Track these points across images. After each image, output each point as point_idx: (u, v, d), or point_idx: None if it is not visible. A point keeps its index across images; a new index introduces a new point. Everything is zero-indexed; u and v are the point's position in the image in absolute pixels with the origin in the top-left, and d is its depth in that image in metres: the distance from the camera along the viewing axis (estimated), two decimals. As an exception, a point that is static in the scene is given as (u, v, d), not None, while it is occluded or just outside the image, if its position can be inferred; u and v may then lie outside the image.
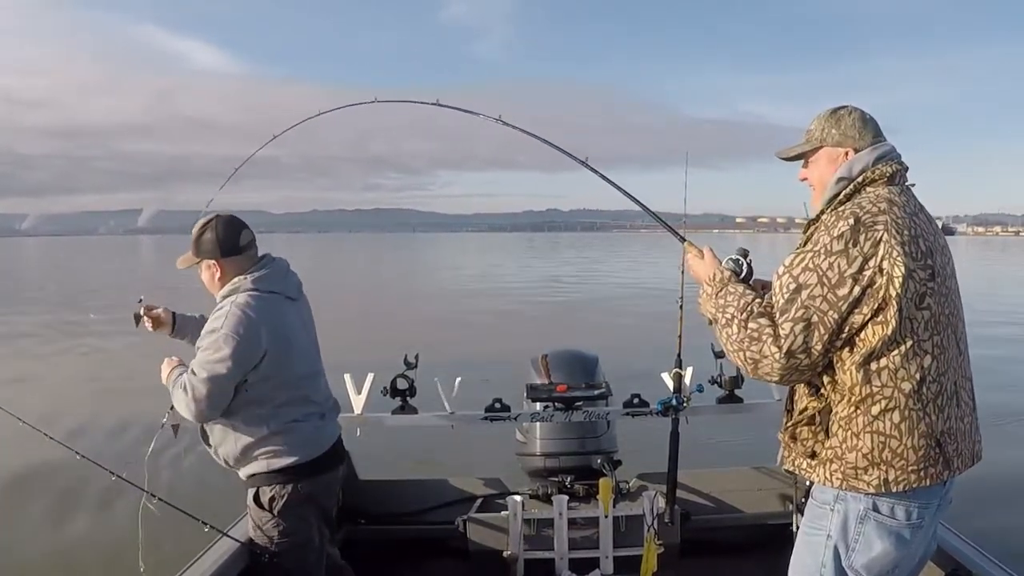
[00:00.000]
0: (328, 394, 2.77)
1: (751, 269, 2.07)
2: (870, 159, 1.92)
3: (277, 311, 2.56)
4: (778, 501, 3.61)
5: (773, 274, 1.90)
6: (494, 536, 3.39)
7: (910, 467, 1.79)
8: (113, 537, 5.02)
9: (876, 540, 1.84)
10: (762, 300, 1.89)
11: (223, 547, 2.72)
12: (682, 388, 3.24)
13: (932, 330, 1.79)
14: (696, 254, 2.17)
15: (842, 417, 1.83)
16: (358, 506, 3.52)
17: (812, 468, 1.90)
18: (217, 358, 2.41)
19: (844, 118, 1.99)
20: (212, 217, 2.63)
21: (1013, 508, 5.52)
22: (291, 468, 2.55)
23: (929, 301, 1.79)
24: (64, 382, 10.73)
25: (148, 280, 30.78)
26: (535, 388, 3.57)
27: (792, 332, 1.77)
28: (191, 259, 2.64)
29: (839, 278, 1.76)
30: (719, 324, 1.93)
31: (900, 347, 1.76)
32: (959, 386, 1.87)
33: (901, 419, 1.78)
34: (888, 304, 1.74)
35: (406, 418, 3.42)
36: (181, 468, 5.57)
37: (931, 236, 1.85)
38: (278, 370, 2.51)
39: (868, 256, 1.76)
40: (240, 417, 2.52)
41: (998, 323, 15.49)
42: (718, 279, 2.01)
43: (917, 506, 1.84)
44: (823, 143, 2.00)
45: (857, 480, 1.81)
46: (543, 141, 2.90)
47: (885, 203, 1.83)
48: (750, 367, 1.84)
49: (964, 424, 1.87)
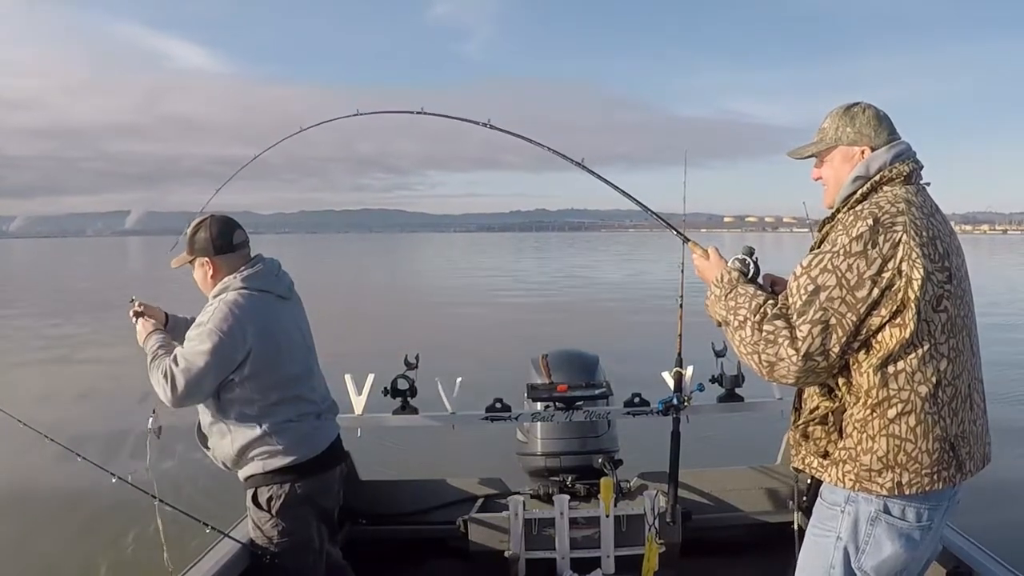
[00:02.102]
0: (325, 394, 2.77)
1: (758, 267, 2.04)
2: (887, 157, 1.90)
3: (267, 310, 2.57)
4: (779, 500, 3.61)
5: (790, 275, 1.87)
6: (495, 536, 3.39)
7: (924, 470, 1.78)
8: (116, 539, 5.03)
9: (886, 542, 1.83)
10: (775, 301, 1.85)
11: (225, 548, 2.72)
12: (683, 387, 3.24)
13: (948, 333, 1.78)
14: (701, 254, 2.14)
15: (857, 419, 1.82)
16: (359, 506, 3.52)
17: (824, 468, 1.89)
18: (199, 351, 2.43)
19: (859, 116, 1.96)
20: (206, 217, 2.66)
21: (1016, 506, 5.54)
22: (288, 468, 2.55)
23: (946, 304, 1.77)
24: (59, 383, 10.73)
25: (139, 281, 30.68)
26: (536, 388, 3.57)
27: (810, 334, 1.75)
28: (185, 258, 2.66)
29: (858, 280, 1.74)
30: (731, 326, 1.90)
31: (917, 350, 1.75)
32: (972, 388, 1.86)
33: (917, 423, 1.77)
34: (906, 307, 1.73)
35: (407, 418, 3.42)
36: (184, 471, 5.58)
37: (947, 237, 1.84)
38: (267, 369, 2.52)
39: (887, 258, 1.74)
40: (233, 419, 2.53)
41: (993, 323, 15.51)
42: (726, 280, 1.97)
43: (928, 508, 1.83)
44: (838, 142, 1.97)
45: (870, 482, 1.80)
46: (537, 144, 2.85)
47: (904, 203, 1.81)
48: (766, 369, 1.81)
49: (977, 427, 1.87)
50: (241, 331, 2.46)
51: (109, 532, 5.19)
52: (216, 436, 2.59)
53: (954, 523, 2.84)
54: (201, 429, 2.65)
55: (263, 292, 2.59)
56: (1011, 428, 7.47)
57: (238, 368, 2.48)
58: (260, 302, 2.56)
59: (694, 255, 2.18)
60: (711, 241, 2.25)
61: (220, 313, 2.46)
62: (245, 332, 2.47)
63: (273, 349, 2.54)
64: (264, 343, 2.51)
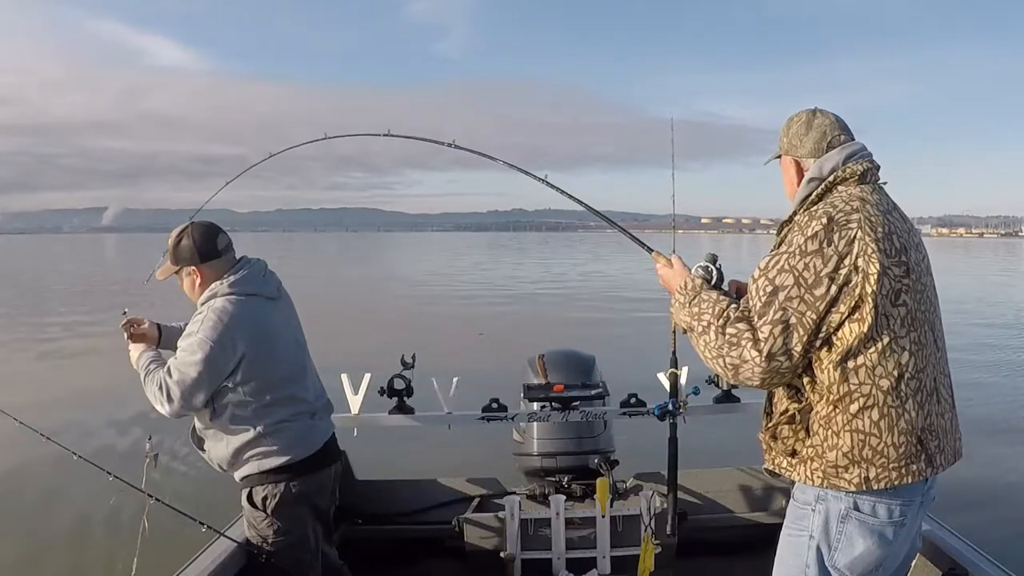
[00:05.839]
0: (319, 393, 2.77)
1: (721, 274, 2.07)
2: (840, 158, 1.93)
3: (256, 313, 2.57)
4: (775, 501, 3.62)
5: (749, 278, 1.89)
6: (491, 536, 3.39)
7: (891, 464, 1.78)
8: (112, 538, 5.01)
9: (858, 539, 1.83)
10: (737, 305, 1.88)
11: (220, 547, 2.72)
12: (678, 390, 3.23)
13: (909, 327, 1.80)
14: (665, 263, 2.18)
15: (822, 416, 1.83)
16: (355, 506, 3.52)
17: (792, 467, 1.90)
18: (191, 361, 2.44)
19: (792, 124, 2.03)
20: (187, 225, 2.65)
21: (1011, 506, 5.55)
22: (283, 468, 2.56)
23: (905, 298, 1.79)
24: (50, 379, 10.70)
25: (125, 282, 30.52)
26: (532, 388, 3.57)
27: (771, 335, 1.77)
28: (170, 268, 2.65)
29: (815, 278, 1.76)
30: (695, 332, 1.92)
31: (877, 344, 1.76)
32: (938, 383, 1.87)
33: (880, 416, 1.78)
34: (864, 302, 1.75)
35: (403, 418, 3.42)
36: (179, 469, 5.56)
37: (905, 233, 1.86)
38: (260, 372, 2.52)
39: (843, 254, 1.76)
40: (228, 421, 2.53)
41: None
42: (689, 287, 2.00)
43: (899, 504, 1.84)
44: (781, 150, 2.05)
45: (838, 478, 1.81)
46: (502, 162, 3.01)
47: (858, 201, 1.84)
48: (730, 372, 1.83)
49: (945, 420, 1.87)
50: (232, 338, 2.47)
51: (104, 530, 5.18)
52: (211, 439, 2.60)
53: (949, 523, 2.85)
54: (196, 432, 2.66)
55: (251, 295, 2.59)
56: (1011, 428, 7.50)
57: (231, 374, 2.48)
58: (249, 306, 2.56)
59: (658, 264, 2.21)
60: (688, 243, 2.27)
61: (209, 321, 2.47)
62: (236, 339, 2.47)
63: (265, 352, 2.55)
64: (256, 347, 2.52)
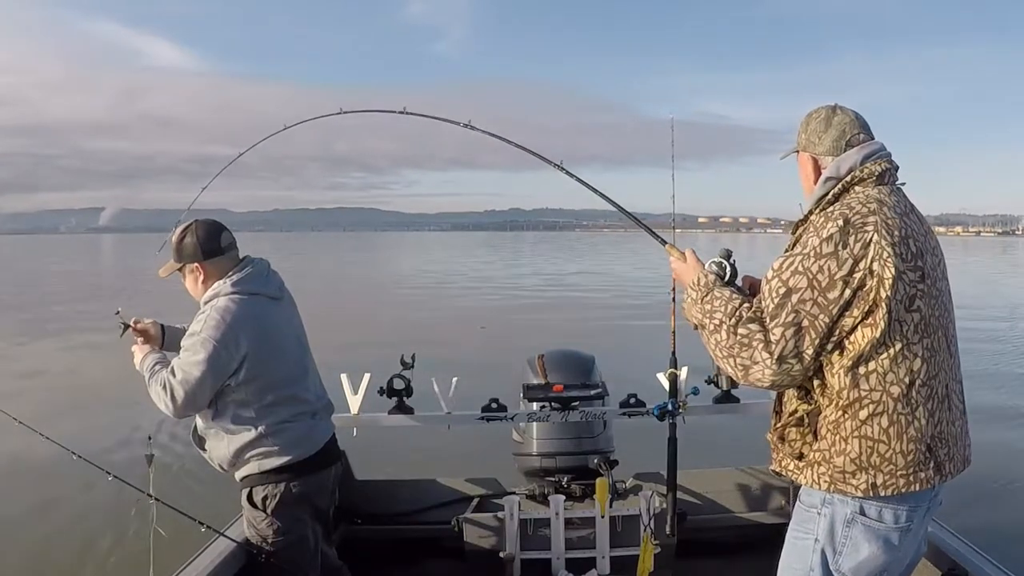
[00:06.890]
0: (320, 393, 2.77)
1: (735, 270, 2.04)
2: (858, 158, 1.89)
3: (259, 313, 2.57)
4: (774, 501, 3.62)
5: (763, 278, 1.87)
6: (490, 536, 3.39)
7: (899, 472, 1.77)
8: (112, 537, 5.01)
9: (863, 543, 1.82)
10: (751, 304, 1.85)
11: (220, 547, 2.72)
12: (678, 390, 3.23)
13: (922, 333, 1.77)
14: (678, 257, 2.15)
15: (830, 421, 1.81)
16: (355, 506, 3.52)
17: (799, 470, 1.89)
18: (194, 361, 2.43)
19: (811, 121, 1.99)
20: (191, 222, 2.65)
21: (1011, 506, 5.54)
22: (283, 468, 2.56)
23: (919, 303, 1.76)
24: (51, 383, 10.69)
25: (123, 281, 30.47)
26: (532, 388, 3.56)
27: (783, 337, 1.75)
28: (173, 266, 2.65)
29: (829, 281, 1.73)
30: (707, 330, 1.90)
31: (889, 350, 1.74)
32: (950, 389, 1.85)
33: (890, 423, 1.76)
34: (877, 306, 1.72)
35: (403, 418, 3.41)
36: (179, 469, 5.56)
37: (922, 237, 1.83)
38: (262, 372, 2.52)
39: (858, 258, 1.73)
40: (230, 421, 2.53)
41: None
42: (703, 283, 1.97)
43: (906, 509, 1.82)
44: (798, 146, 2.02)
45: (845, 484, 1.80)
46: (517, 146, 2.90)
47: (875, 203, 1.81)
48: (740, 373, 1.81)
49: (955, 428, 1.85)
50: (235, 338, 2.46)
51: (104, 530, 5.18)
52: (213, 439, 2.60)
53: (949, 524, 2.85)
54: (198, 432, 2.66)
55: (254, 295, 2.59)
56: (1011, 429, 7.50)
57: (234, 373, 2.48)
58: (252, 305, 2.56)
59: (671, 258, 2.19)
60: (686, 242, 2.26)
61: (212, 321, 2.46)
62: (239, 338, 2.47)
63: (267, 352, 2.55)
64: (258, 347, 2.51)
